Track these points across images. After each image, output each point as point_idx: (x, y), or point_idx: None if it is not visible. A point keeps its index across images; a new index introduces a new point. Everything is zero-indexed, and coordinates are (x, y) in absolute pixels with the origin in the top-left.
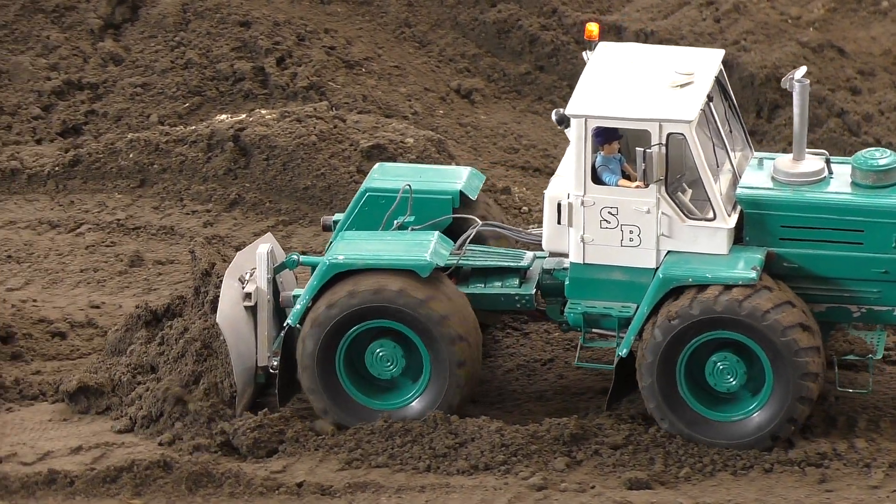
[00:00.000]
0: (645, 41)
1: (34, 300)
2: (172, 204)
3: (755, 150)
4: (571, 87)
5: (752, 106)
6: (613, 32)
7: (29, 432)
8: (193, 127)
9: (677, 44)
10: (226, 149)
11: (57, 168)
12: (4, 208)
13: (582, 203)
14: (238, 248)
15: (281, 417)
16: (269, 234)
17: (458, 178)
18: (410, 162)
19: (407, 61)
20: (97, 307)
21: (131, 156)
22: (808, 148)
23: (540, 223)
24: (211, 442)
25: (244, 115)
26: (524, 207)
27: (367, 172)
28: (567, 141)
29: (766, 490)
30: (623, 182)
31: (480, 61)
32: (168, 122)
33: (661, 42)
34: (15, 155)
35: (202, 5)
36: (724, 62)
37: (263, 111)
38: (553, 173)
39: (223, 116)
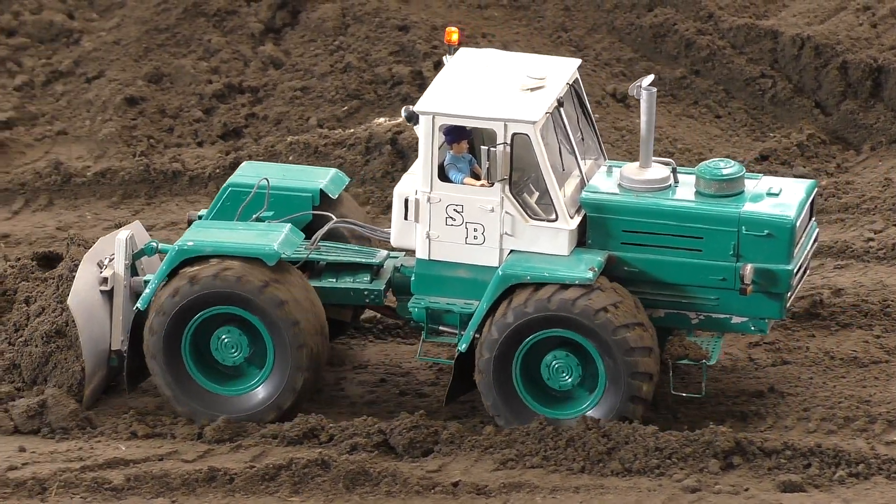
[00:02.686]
0: (801, 46)
1: None
2: None
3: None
4: (727, 92)
5: None
6: (769, 38)
7: None
8: (352, 130)
9: (833, 49)
10: (384, 151)
11: (218, 170)
12: (166, 209)
13: (428, 199)
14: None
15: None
16: (136, 221)
17: (321, 177)
18: None
19: None
20: None
21: (291, 158)
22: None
23: None
24: (367, 441)
25: (401, 119)
26: None
27: None
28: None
29: None
30: (468, 180)
31: (636, 65)
32: (327, 126)
33: (817, 47)
34: (177, 157)
35: (361, 10)
36: (880, 67)
37: None
38: None
39: (381, 120)
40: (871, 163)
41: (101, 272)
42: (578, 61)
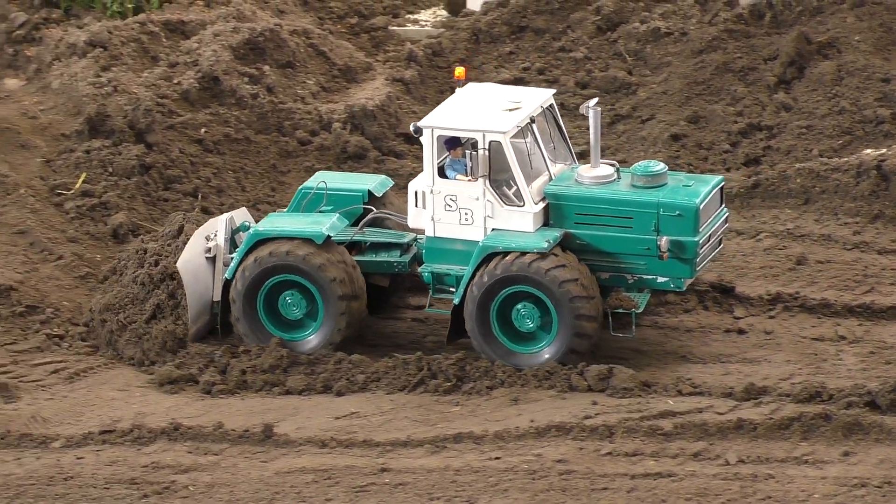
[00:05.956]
0: None
1: None
2: (829, 217)
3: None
4: None
5: None
6: None
7: None
8: (846, 159)
9: None
10: (870, 175)
11: (741, 190)
12: None
13: (431, 192)
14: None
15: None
16: (243, 208)
17: (370, 182)
18: None
19: None
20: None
21: (798, 181)
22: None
23: None
24: (859, 400)
25: (885, 150)
26: None
27: None
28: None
29: None
30: (460, 177)
31: None
32: (826, 155)
33: None
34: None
35: (853, 66)
36: None
37: None
38: None
39: (868, 150)
40: None
41: (207, 243)
42: (553, 91)
